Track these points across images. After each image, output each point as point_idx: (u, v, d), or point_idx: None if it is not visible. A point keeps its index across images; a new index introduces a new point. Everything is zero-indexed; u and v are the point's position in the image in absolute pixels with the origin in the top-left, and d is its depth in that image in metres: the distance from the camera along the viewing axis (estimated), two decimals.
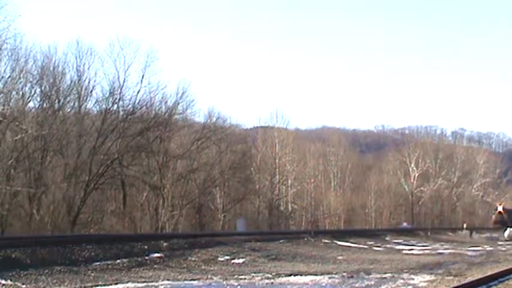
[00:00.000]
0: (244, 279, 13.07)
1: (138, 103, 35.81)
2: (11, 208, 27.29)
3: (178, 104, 39.12)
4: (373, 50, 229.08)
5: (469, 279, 12.72)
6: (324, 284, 12.38)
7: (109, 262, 15.10)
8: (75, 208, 30.29)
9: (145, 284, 11.96)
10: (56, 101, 32.82)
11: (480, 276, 13.24)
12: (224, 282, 12.41)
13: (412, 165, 68.29)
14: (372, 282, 12.57)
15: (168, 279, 12.70)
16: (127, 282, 12.16)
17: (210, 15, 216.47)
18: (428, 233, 40.49)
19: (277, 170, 51.70)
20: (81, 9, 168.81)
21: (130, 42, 35.13)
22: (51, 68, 32.44)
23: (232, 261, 17.43)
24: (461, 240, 37.54)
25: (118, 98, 34.87)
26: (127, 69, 34.70)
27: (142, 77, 35.40)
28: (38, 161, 29.90)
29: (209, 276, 13.41)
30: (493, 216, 62.75)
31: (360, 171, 67.42)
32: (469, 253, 24.08)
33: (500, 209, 61.44)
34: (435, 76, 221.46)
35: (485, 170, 77.81)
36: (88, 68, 33.92)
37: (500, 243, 34.95)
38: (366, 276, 13.74)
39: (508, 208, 68.35)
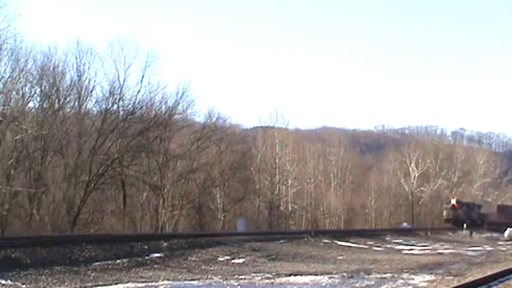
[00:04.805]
0: (244, 279, 13.07)
1: (138, 103, 35.94)
2: (11, 208, 27.30)
3: (178, 104, 39.25)
4: (373, 49, 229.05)
5: (469, 279, 12.72)
6: (324, 284, 12.38)
7: (109, 262, 15.10)
8: (75, 208, 30.30)
9: (145, 284, 11.96)
10: (56, 101, 32.87)
11: (480, 276, 13.24)
12: (224, 282, 12.41)
13: (412, 165, 68.26)
14: (372, 282, 12.58)
15: (168, 279, 12.70)
16: (127, 282, 12.16)
17: (210, 15, 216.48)
18: (428, 233, 40.41)
19: (277, 170, 51.70)
20: (81, 9, 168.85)
21: (130, 42, 35.29)
22: (51, 68, 32.50)
23: (232, 261, 17.42)
24: (461, 240, 37.48)
25: (118, 98, 34.96)
26: (127, 69, 34.84)
27: (143, 77, 35.52)
28: (38, 161, 29.92)
29: (209, 276, 13.42)
30: (444, 212, 52.92)
31: (360, 171, 67.36)
32: (469, 253, 24.07)
33: (453, 202, 52.00)
34: (435, 76, 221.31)
35: (485, 170, 77.66)
36: (88, 68, 34.06)
37: (500, 243, 34.91)
38: (366, 276, 13.74)
39: (465, 201, 56.31)
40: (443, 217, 53.05)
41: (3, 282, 11.51)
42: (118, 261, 15.37)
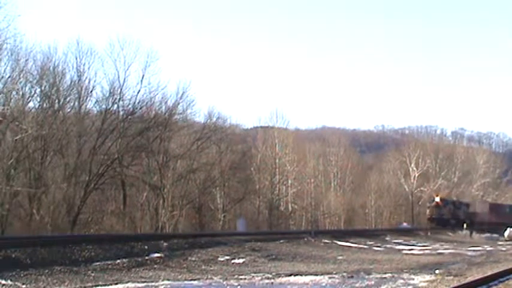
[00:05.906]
0: (244, 279, 13.07)
1: (138, 103, 35.96)
2: (11, 208, 27.30)
3: (178, 104, 39.26)
4: (373, 50, 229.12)
5: (469, 279, 12.72)
6: (324, 284, 12.38)
7: (109, 262, 15.10)
8: (75, 208, 30.30)
9: (145, 284, 11.96)
10: (56, 101, 32.84)
11: (480, 276, 13.23)
12: (224, 282, 12.41)
13: (412, 165, 68.24)
14: (372, 282, 12.58)
15: (168, 279, 12.70)
16: (127, 282, 12.16)
17: (210, 16, 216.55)
18: (428, 233, 40.42)
19: (277, 170, 51.67)
20: (81, 9, 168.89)
21: (131, 42, 35.32)
22: (51, 68, 32.47)
23: (232, 261, 17.42)
24: (461, 240, 37.50)
25: (118, 98, 34.97)
26: (127, 69, 34.86)
27: (143, 77, 35.54)
28: (38, 161, 29.91)
29: (209, 276, 13.41)
30: (428, 211, 49.98)
31: (360, 171, 67.36)
32: (469, 253, 24.08)
33: (437, 200, 48.74)
34: (435, 76, 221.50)
35: (485, 170, 77.61)
36: (88, 68, 34.02)
37: (500, 243, 34.94)
38: (366, 276, 13.74)
39: (451, 199, 53.54)
40: (427, 216, 50.12)
41: (3, 282, 11.52)
42: (118, 261, 15.37)
